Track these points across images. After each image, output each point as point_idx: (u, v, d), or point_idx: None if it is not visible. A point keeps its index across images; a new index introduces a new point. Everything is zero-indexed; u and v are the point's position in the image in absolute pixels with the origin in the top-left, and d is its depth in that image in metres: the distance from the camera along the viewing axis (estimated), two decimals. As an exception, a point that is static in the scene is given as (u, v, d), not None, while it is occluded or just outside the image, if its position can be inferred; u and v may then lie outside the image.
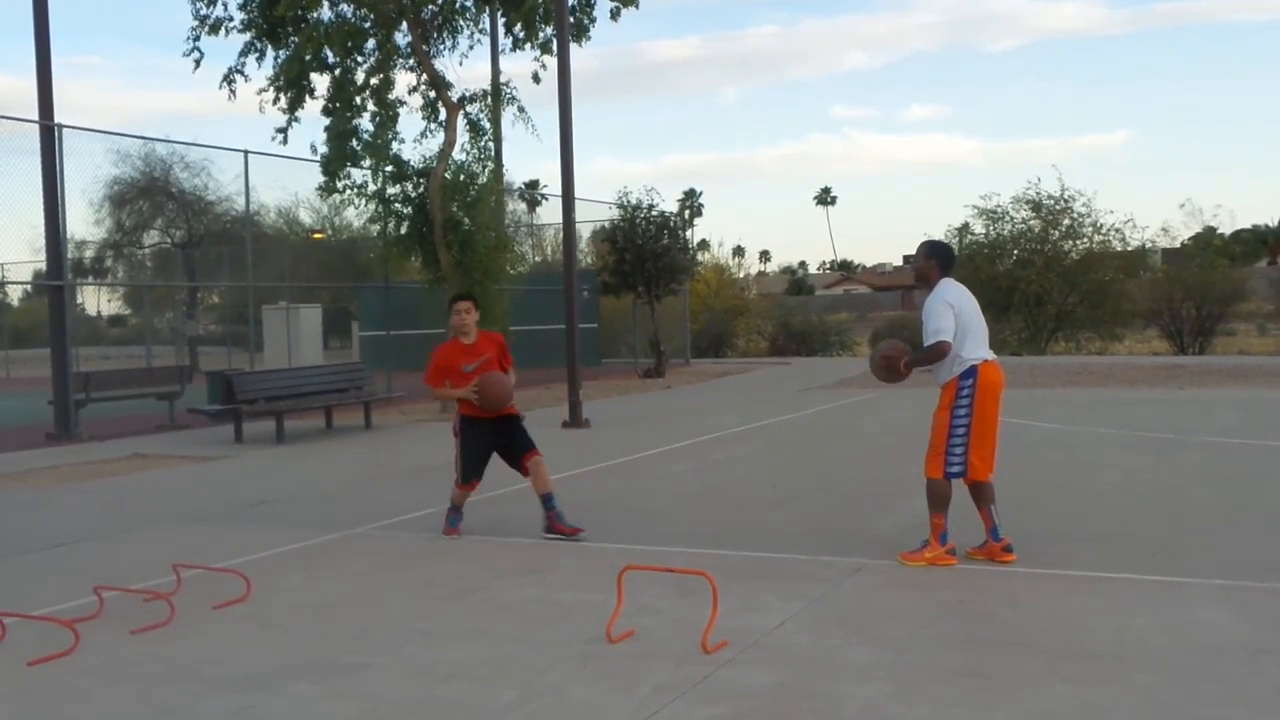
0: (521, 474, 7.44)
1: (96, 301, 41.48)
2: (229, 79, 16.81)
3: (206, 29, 16.47)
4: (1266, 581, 5.67)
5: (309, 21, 16.33)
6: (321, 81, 16.77)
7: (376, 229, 17.53)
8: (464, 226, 16.54)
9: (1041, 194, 31.40)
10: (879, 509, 7.92)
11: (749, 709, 4.13)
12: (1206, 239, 34.58)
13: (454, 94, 17.01)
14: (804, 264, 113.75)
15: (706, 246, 37.48)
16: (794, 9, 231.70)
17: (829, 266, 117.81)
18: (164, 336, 31.40)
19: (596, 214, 26.51)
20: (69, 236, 15.07)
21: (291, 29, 16.46)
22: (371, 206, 17.03)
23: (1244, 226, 63.96)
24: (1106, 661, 4.55)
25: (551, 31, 16.98)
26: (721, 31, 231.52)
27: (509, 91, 17.36)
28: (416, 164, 16.88)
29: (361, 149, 16.52)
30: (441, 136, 16.90)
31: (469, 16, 17.60)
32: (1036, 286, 29.85)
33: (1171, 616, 5.15)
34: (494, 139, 17.58)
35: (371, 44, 16.69)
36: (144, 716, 4.27)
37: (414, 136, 19.91)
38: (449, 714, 4.20)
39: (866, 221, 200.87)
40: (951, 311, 6.17)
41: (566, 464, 10.66)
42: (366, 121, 16.71)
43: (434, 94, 17.09)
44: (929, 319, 6.23)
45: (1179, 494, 8.35)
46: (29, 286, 33.63)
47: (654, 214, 23.48)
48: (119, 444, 13.50)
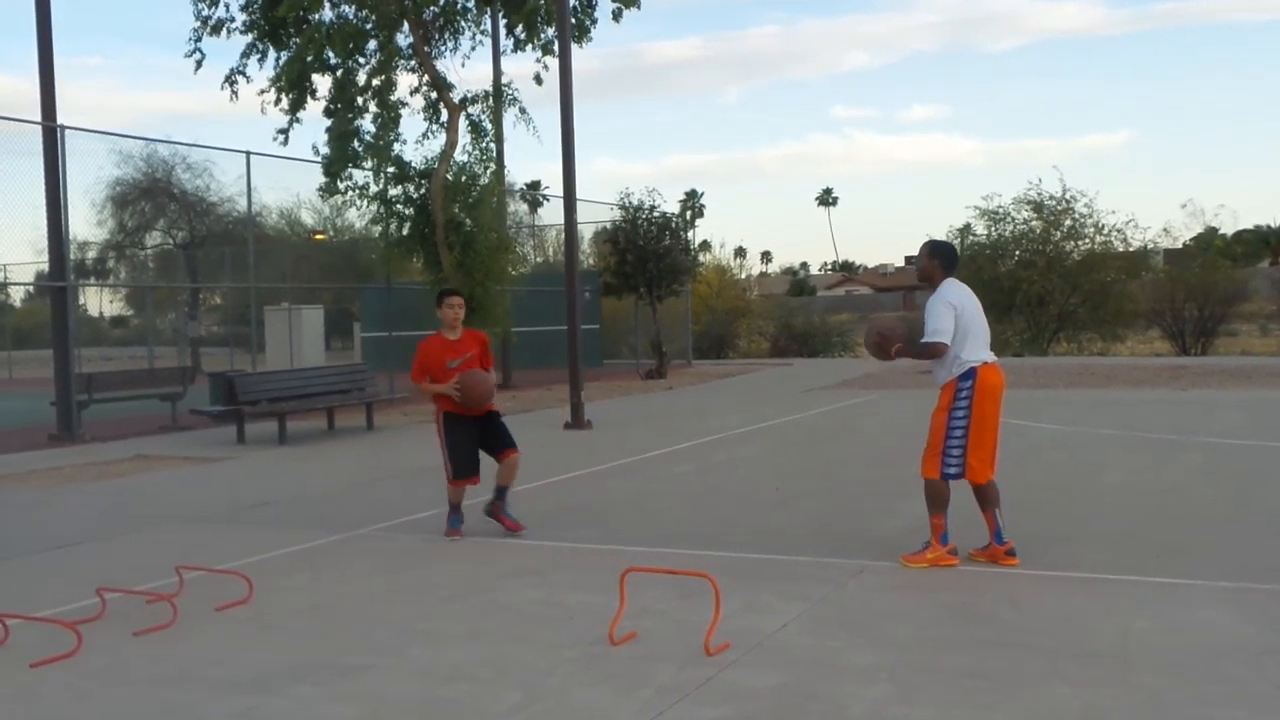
0: (496, 462, 7.56)
1: (99, 302, 41.49)
2: (231, 80, 16.85)
3: (208, 30, 16.52)
4: (1269, 583, 5.66)
5: (310, 22, 16.37)
6: (323, 82, 16.82)
7: (378, 230, 17.58)
8: (466, 227, 16.57)
9: (1043, 194, 31.38)
10: (881, 510, 7.93)
11: (752, 711, 4.13)
12: (1208, 239, 34.53)
13: (455, 95, 17.05)
14: (805, 265, 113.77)
15: (708, 247, 37.58)
16: (794, 9, 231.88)
17: (830, 267, 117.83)
18: (166, 337, 31.43)
19: (598, 215, 26.56)
20: (71, 237, 15.06)
21: (293, 30, 16.50)
22: (373, 207, 17.08)
23: (1246, 227, 63.85)
24: (1109, 663, 4.55)
25: (553, 32, 17.02)
26: (722, 32, 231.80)
27: (510, 92, 17.41)
28: (418, 165, 16.92)
29: (363, 150, 16.55)
30: (443, 137, 16.95)
31: (470, 18, 17.65)
32: (1038, 287, 29.82)
33: (1174, 618, 5.15)
34: (495, 140, 17.63)
35: (373, 45, 16.72)
36: (147, 718, 4.27)
37: (415, 138, 20.07)
38: (452, 716, 4.20)
39: (868, 222, 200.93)
40: (953, 313, 6.16)
41: (569, 465, 10.67)
42: (368, 122, 16.76)
43: (435, 95, 17.12)
44: (929, 318, 6.22)
45: (1182, 495, 8.34)
46: (31, 287, 33.68)
47: (655, 215, 23.46)
48: (121, 445, 13.50)
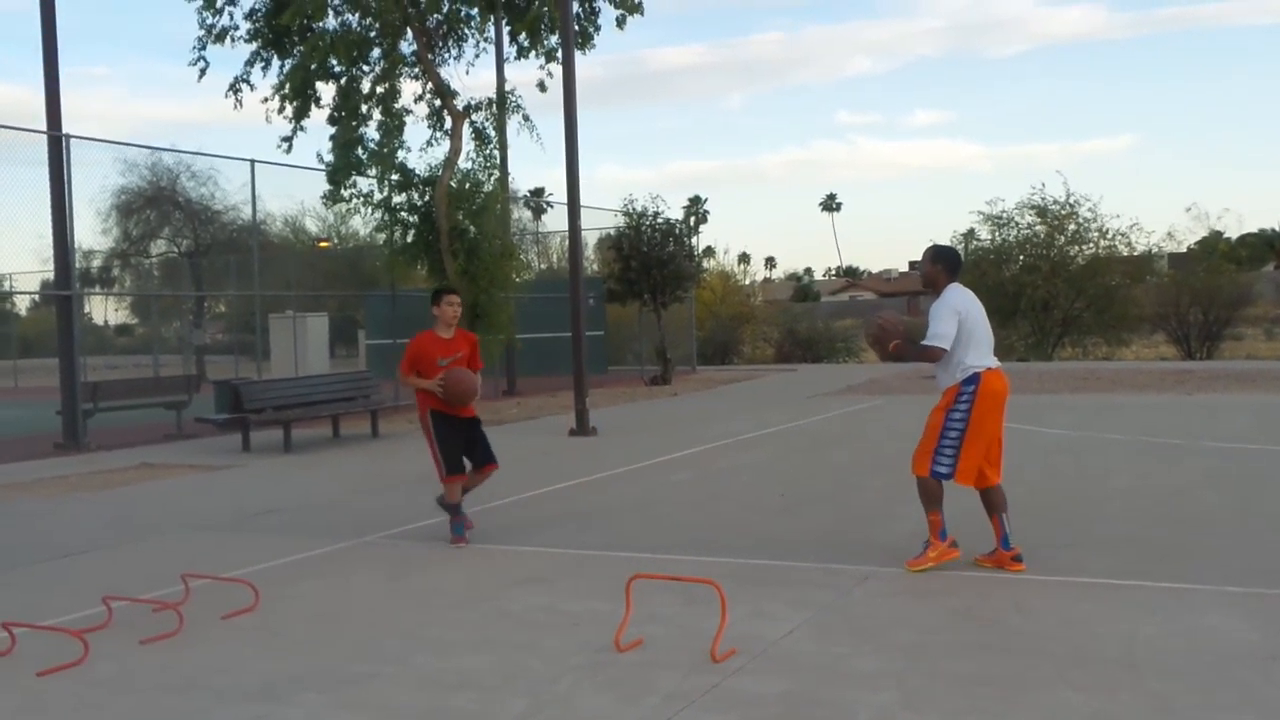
0: (474, 471, 7.62)
1: (104, 311, 41.64)
2: (235, 88, 16.88)
3: (212, 38, 16.55)
4: (1277, 588, 5.64)
5: (314, 31, 16.40)
6: (327, 90, 16.83)
7: (382, 237, 17.58)
8: (470, 235, 16.57)
9: (1047, 199, 31.41)
10: (887, 516, 7.92)
11: (758, 717, 4.12)
12: (1213, 243, 34.40)
13: (459, 102, 17.06)
14: (810, 270, 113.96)
15: (712, 253, 37.62)
16: (798, 15, 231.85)
17: (834, 273, 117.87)
18: (171, 345, 31.53)
19: (602, 221, 26.53)
20: (76, 246, 15.10)
21: (297, 38, 16.53)
22: (377, 215, 17.08)
23: (1250, 230, 63.66)
24: (1117, 669, 4.53)
25: (556, 39, 17.04)
26: (726, 38, 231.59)
27: (514, 100, 17.42)
28: (422, 172, 16.93)
29: (367, 157, 16.56)
30: (447, 145, 16.95)
31: (474, 25, 17.65)
32: (1043, 292, 29.82)
33: (1181, 623, 5.13)
34: (499, 147, 17.65)
35: (377, 53, 16.73)
36: (153, 727, 4.27)
37: (419, 145, 20.03)
38: (458, 723, 4.19)
39: (872, 227, 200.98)
40: (957, 318, 6.15)
41: (574, 472, 10.66)
42: (372, 130, 16.76)
43: (439, 102, 17.13)
44: (933, 322, 6.21)
45: (1188, 500, 8.32)
46: (37, 296, 33.76)
47: (659, 221, 23.48)
48: (127, 453, 13.52)
